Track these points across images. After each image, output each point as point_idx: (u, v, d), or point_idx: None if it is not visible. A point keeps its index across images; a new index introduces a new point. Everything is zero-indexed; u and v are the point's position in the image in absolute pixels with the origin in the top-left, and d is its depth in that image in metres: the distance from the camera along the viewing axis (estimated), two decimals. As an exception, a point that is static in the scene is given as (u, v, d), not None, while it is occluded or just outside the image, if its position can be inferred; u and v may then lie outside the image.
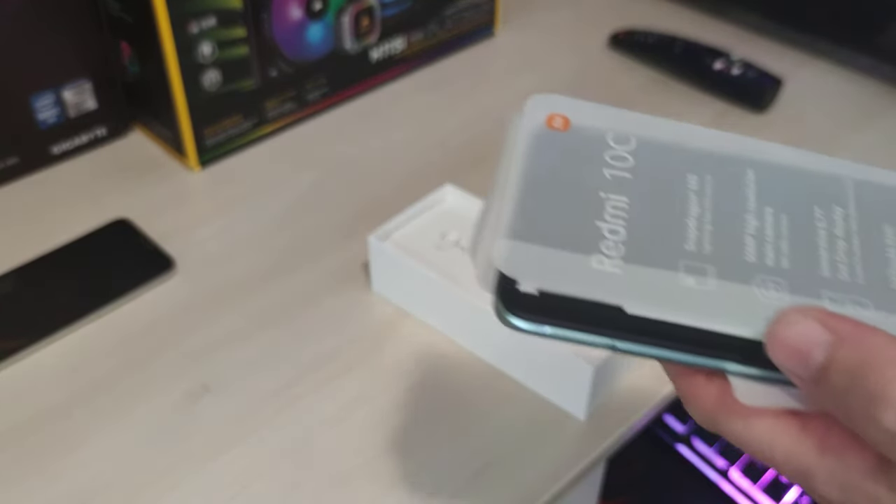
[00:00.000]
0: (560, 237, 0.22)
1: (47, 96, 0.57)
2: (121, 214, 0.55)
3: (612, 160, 0.24)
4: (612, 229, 0.22)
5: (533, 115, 0.25)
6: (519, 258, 0.21)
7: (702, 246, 0.22)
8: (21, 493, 0.40)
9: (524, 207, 0.22)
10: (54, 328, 0.47)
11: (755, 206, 0.24)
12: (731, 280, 0.22)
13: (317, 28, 0.61)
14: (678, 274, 0.21)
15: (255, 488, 0.40)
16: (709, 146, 0.25)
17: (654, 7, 0.81)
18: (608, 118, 0.26)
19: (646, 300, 0.20)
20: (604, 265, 0.21)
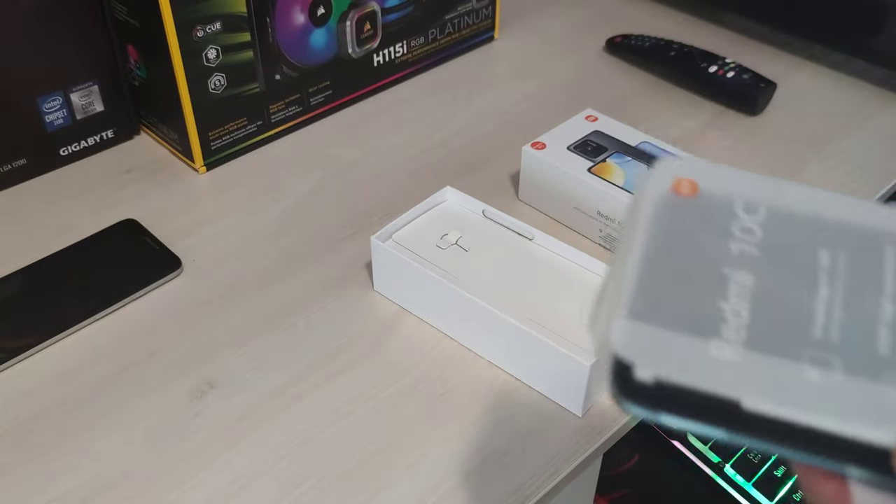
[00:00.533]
0: (679, 319, 0.20)
1: (55, 99, 0.58)
2: (127, 215, 0.56)
3: (739, 232, 0.22)
4: (734, 311, 0.21)
5: (661, 178, 0.24)
6: (636, 341, 0.20)
7: (829, 334, 0.20)
8: (25, 490, 0.41)
9: (645, 283, 0.21)
10: (62, 327, 0.48)
11: (894, 289, 0.21)
12: (859, 375, 0.19)
13: (320, 33, 0.62)
14: (801, 365, 0.20)
15: (258, 485, 0.41)
16: (847, 217, 0.23)
17: (650, 12, 0.82)
18: (738, 183, 0.24)
19: (764, 394, 0.19)
20: (723, 352, 0.20)
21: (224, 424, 0.44)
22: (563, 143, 0.57)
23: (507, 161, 0.62)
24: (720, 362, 0.19)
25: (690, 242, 0.22)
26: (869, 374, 0.19)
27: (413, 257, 0.48)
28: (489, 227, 0.51)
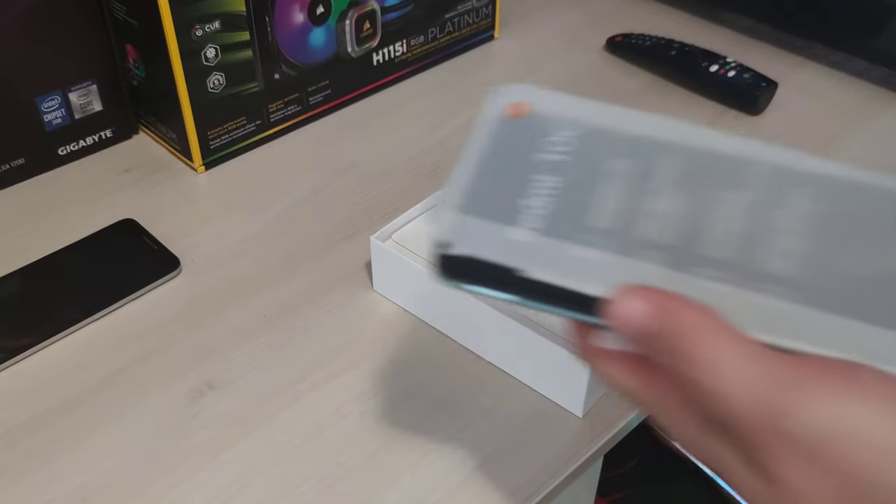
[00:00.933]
0: (490, 210, 0.26)
1: (54, 98, 0.58)
2: (126, 215, 0.56)
3: (552, 144, 0.28)
4: (537, 205, 0.26)
5: (498, 100, 0.29)
6: (454, 228, 0.25)
7: (611, 223, 0.26)
8: (24, 490, 0.41)
9: (468, 185, 0.26)
10: (60, 327, 0.48)
11: (664, 190, 0.27)
12: (625, 253, 0.25)
13: (319, 32, 0.62)
14: (582, 246, 0.25)
15: (258, 485, 0.41)
16: (647, 132, 0.28)
17: (650, 11, 0.81)
18: (561, 106, 0.29)
19: (544, 266, 0.24)
20: (519, 235, 0.25)
21: (223, 425, 0.43)
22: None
23: (507, 161, 0.61)
24: (516, 243, 0.25)
25: (512, 152, 0.27)
26: (635, 253, 0.25)
27: (413, 257, 0.48)
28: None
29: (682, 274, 0.25)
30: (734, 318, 0.23)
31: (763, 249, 0.25)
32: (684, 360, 0.23)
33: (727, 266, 0.25)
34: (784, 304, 0.24)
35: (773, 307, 0.24)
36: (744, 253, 0.25)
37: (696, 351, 0.23)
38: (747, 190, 0.27)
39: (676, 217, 0.26)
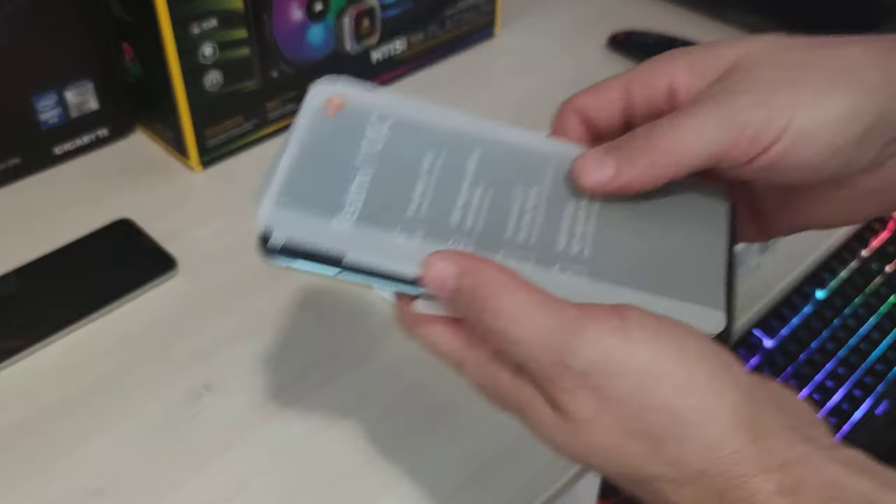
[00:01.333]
0: (311, 201, 0.28)
1: (49, 97, 0.57)
2: (122, 215, 0.55)
3: (368, 139, 0.30)
4: (354, 196, 0.29)
5: (316, 95, 0.31)
6: (276, 217, 0.28)
7: (419, 212, 0.29)
8: (21, 492, 0.40)
9: (289, 177, 0.29)
10: (56, 328, 0.47)
11: (470, 182, 0.30)
12: (433, 238, 0.28)
13: (318, 29, 0.62)
14: (394, 233, 0.28)
15: (256, 487, 0.41)
16: (452, 126, 0.31)
17: (652, 8, 0.81)
18: (376, 101, 0.31)
19: (363, 251, 0.27)
20: (341, 224, 0.28)
21: (221, 427, 0.43)
22: (565, 140, 0.56)
23: (508, 159, 0.61)
24: (337, 231, 0.28)
25: (330, 146, 0.29)
26: (441, 238, 0.28)
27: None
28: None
29: (485, 254, 0.28)
30: None
31: (556, 232, 0.29)
32: (486, 312, 0.26)
33: (525, 248, 0.29)
34: (574, 278, 0.28)
35: (565, 281, 0.28)
36: (540, 236, 0.29)
37: (494, 301, 0.26)
38: (542, 182, 0.30)
39: (481, 206, 0.29)
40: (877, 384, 0.50)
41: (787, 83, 0.28)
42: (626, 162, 0.29)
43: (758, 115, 0.27)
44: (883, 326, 0.53)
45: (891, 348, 0.52)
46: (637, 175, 0.28)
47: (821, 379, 0.50)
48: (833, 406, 0.49)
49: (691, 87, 0.30)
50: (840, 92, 0.28)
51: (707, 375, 0.25)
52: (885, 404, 0.49)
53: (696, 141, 0.28)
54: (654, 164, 0.28)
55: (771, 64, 0.29)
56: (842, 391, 0.50)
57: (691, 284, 0.28)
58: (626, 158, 0.29)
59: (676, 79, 0.30)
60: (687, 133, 0.28)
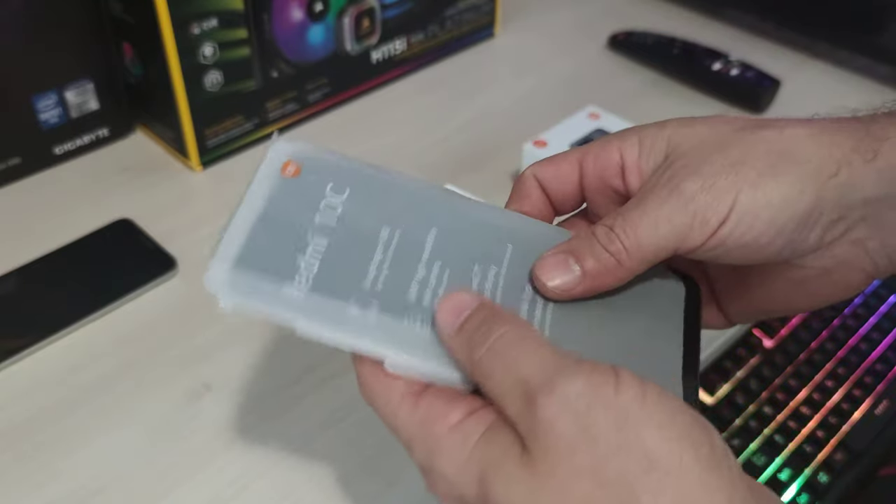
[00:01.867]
0: (264, 265, 0.27)
1: (50, 97, 0.57)
2: (123, 215, 0.55)
3: (325, 207, 0.29)
4: (308, 264, 0.28)
5: (273, 159, 0.30)
6: (225, 281, 0.27)
7: (375, 285, 0.28)
8: (21, 492, 0.40)
9: (242, 240, 0.28)
10: (56, 328, 0.47)
11: (428, 258, 0.29)
12: (388, 313, 0.27)
13: (318, 29, 0.62)
14: (348, 304, 0.27)
15: (256, 487, 0.41)
16: (410, 201, 0.30)
17: (652, 8, 0.81)
18: (334, 169, 0.30)
19: (313, 321, 0.27)
20: (293, 291, 0.27)
21: (222, 426, 0.43)
22: (565, 140, 0.56)
23: (508, 159, 0.61)
24: (289, 298, 0.27)
25: (286, 212, 0.29)
26: (397, 313, 0.27)
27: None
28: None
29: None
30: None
31: (512, 306, 0.29)
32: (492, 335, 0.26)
33: None
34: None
35: None
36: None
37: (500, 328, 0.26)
38: (500, 262, 0.30)
39: (438, 283, 0.29)
40: (876, 384, 0.50)
41: (730, 166, 0.29)
42: (594, 266, 0.29)
43: (705, 201, 0.28)
44: (882, 326, 0.53)
45: (890, 348, 0.52)
46: (605, 279, 0.29)
47: (820, 379, 0.50)
48: (833, 406, 0.49)
49: (640, 165, 0.31)
50: (781, 174, 0.28)
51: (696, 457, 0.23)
52: (884, 404, 0.49)
53: (654, 236, 0.29)
54: (620, 267, 0.29)
55: (715, 147, 0.29)
56: (841, 391, 0.50)
57: (647, 371, 0.27)
58: (593, 262, 0.29)
59: (627, 156, 0.31)
60: (644, 230, 0.29)
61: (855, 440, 0.47)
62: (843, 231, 0.30)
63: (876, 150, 0.29)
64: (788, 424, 0.47)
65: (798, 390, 0.49)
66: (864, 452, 0.46)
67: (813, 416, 0.48)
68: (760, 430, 0.47)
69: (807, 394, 0.49)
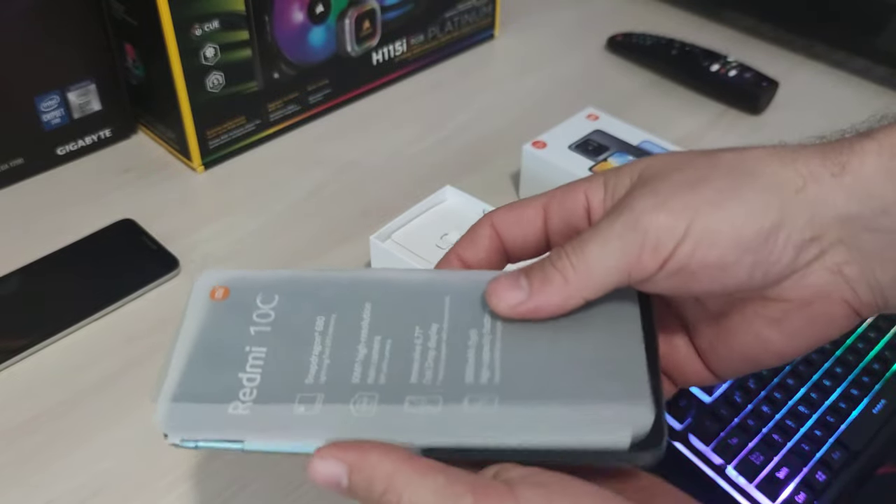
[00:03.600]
0: (206, 392, 0.27)
1: (52, 98, 0.58)
2: (125, 215, 0.55)
3: (257, 318, 0.29)
4: (250, 377, 0.28)
5: (201, 288, 0.30)
6: (172, 417, 0.27)
7: (318, 378, 0.27)
8: (22, 491, 0.40)
9: (183, 371, 0.28)
10: (59, 327, 0.48)
11: (367, 335, 0.29)
12: (333, 402, 0.27)
13: (319, 31, 0.62)
14: (293, 405, 0.27)
15: (257, 486, 0.41)
16: (339, 287, 0.30)
17: (651, 10, 0.81)
18: (259, 282, 0.31)
19: (259, 434, 0.26)
20: (237, 409, 0.27)
21: (222, 426, 0.43)
22: (564, 142, 0.56)
23: (508, 160, 0.61)
24: (234, 418, 0.27)
25: (220, 333, 0.29)
26: (342, 399, 0.27)
27: (413, 257, 0.48)
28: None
29: (392, 406, 0.27)
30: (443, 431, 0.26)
31: (462, 365, 0.28)
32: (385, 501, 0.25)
33: (433, 389, 0.27)
34: (486, 408, 0.26)
35: (476, 413, 0.26)
36: (447, 373, 0.28)
37: (390, 493, 0.25)
38: (440, 317, 0.29)
39: (381, 356, 0.28)
40: (874, 383, 0.50)
41: (687, 184, 0.27)
42: (540, 283, 0.28)
43: (657, 220, 0.27)
44: (880, 325, 0.53)
45: (888, 347, 0.52)
46: (551, 296, 0.28)
47: (818, 378, 0.51)
48: (830, 404, 0.49)
49: (605, 204, 0.30)
50: (742, 189, 0.27)
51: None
52: (882, 403, 0.49)
53: (602, 255, 0.27)
54: (567, 285, 0.28)
55: (674, 170, 0.28)
56: (839, 390, 0.50)
57: (612, 384, 0.27)
58: (540, 280, 0.28)
59: (592, 197, 0.30)
60: (593, 249, 0.27)
61: (852, 439, 0.47)
62: (818, 253, 0.28)
63: (843, 164, 0.27)
64: (786, 423, 0.48)
65: (796, 389, 0.49)
66: (861, 451, 0.46)
67: (811, 414, 0.48)
68: (758, 428, 0.47)
69: (804, 392, 0.49)
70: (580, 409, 0.26)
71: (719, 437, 0.47)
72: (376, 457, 0.25)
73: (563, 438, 0.26)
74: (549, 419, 0.26)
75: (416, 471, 0.25)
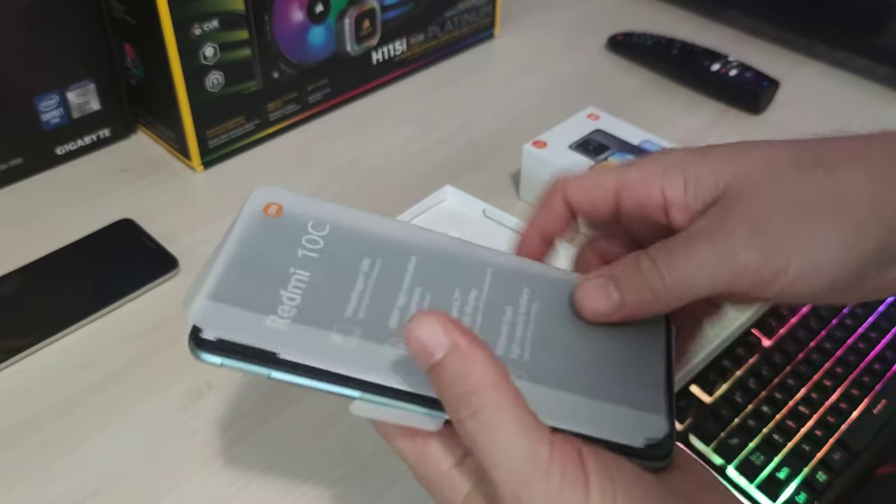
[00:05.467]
0: (246, 299, 0.28)
1: (51, 97, 0.58)
2: (124, 215, 0.55)
3: (306, 242, 0.30)
4: (290, 297, 0.28)
5: (255, 201, 0.31)
6: (208, 314, 0.27)
7: (357, 314, 0.28)
8: (21, 492, 0.40)
9: (226, 275, 0.28)
10: (58, 327, 0.48)
11: (409, 285, 0.30)
12: (370, 340, 0.28)
13: (318, 30, 0.62)
14: (331, 333, 0.28)
15: (257, 486, 0.41)
16: (388, 234, 0.31)
17: (652, 9, 0.81)
18: (314, 209, 0.31)
19: (295, 349, 0.27)
20: (275, 323, 0.27)
21: (222, 426, 0.43)
22: (565, 141, 0.56)
23: (508, 160, 0.61)
24: (272, 329, 0.27)
25: (268, 249, 0.30)
26: (378, 339, 0.28)
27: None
28: (489, 227, 0.51)
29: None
30: None
31: (496, 336, 0.29)
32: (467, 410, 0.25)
33: None
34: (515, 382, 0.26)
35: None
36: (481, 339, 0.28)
37: (479, 407, 0.24)
38: (481, 286, 0.30)
39: (420, 308, 0.29)
40: (875, 383, 0.50)
41: (782, 217, 0.27)
42: (631, 297, 0.29)
43: (755, 258, 0.27)
44: (881, 325, 0.53)
45: (888, 347, 0.52)
46: (641, 309, 0.29)
47: (819, 378, 0.51)
48: (831, 405, 0.49)
49: (686, 203, 0.30)
50: (838, 225, 0.27)
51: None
52: (883, 403, 0.49)
53: (695, 281, 0.28)
54: (657, 302, 0.28)
55: (766, 192, 0.28)
56: (840, 390, 0.50)
57: (632, 390, 0.28)
58: (631, 294, 0.29)
59: (671, 193, 0.30)
60: (685, 274, 0.28)
61: (853, 439, 0.47)
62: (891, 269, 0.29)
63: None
64: (787, 423, 0.47)
65: (796, 389, 0.49)
66: (862, 451, 0.46)
67: (811, 415, 0.48)
68: (759, 428, 0.47)
69: (805, 393, 0.49)
70: (599, 407, 0.27)
71: (719, 438, 0.47)
72: (483, 358, 0.25)
73: (583, 428, 0.26)
74: (573, 407, 0.27)
75: (512, 397, 0.25)
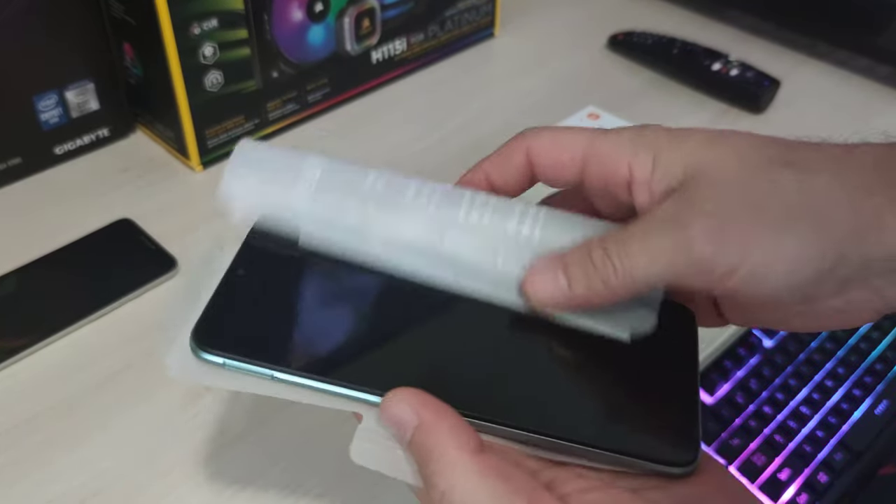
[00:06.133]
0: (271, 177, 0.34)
1: (50, 97, 0.58)
2: (123, 214, 0.55)
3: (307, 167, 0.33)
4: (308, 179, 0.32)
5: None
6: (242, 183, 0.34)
7: (375, 188, 0.31)
8: (22, 492, 0.40)
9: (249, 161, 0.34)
10: (57, 327, 0.47)
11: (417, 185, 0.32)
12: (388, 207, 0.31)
13: (318, 30, 0.62)
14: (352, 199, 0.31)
15: (257, 486, 0.41)
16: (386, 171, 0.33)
17: (652, 9, 0.81)
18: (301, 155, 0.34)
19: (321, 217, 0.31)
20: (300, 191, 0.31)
21: (222, 427, 0.43)
22: (565, 141, 0.56)
23: (508, 159, 0.61)
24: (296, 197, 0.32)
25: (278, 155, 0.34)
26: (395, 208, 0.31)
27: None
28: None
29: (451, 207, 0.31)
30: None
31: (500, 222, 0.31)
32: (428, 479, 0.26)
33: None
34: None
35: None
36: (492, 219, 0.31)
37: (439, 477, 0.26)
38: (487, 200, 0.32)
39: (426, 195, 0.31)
40: (876, 384, 0.50)
41: (743, 212, 0.26)
42: (580, 285, 0.28)
43: (709, 251, 0.26)
44: (882, 326, 0.53)
45: (890, 348, 0.52)
46: (590, 298, 0.28)
47: (820, 378, 0.50)
48: (833, 405, 0.49)
49: (651, 185, 0.29)
50: (799, 229, 0.26)
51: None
52: (884, 404, 0.49)
53: (648, 266, 0.27)
54: (607, 290, 0.28)
55: (730, 185, 0.27)
56: (841, 391, 0.50)
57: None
58: (580, 281, 0.28)
59: (637, 172, 0.30)
60: (639, 259, 0.27)
61: (855, 440, 0.47)
62: (864, 278, 0.27)
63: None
64: (788, 424, 0.47)
65: (798, 390, 0.49)
66: (863, 452, 0.46)
67: (813, 415, 0.48)
68: (760, 429, 0.47)
69: (807, 393, 0.49)
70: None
71: (721, 438, 0.47)
72: (447, 431, 0.26)
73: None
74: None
75: (477, 469, 0.25)
